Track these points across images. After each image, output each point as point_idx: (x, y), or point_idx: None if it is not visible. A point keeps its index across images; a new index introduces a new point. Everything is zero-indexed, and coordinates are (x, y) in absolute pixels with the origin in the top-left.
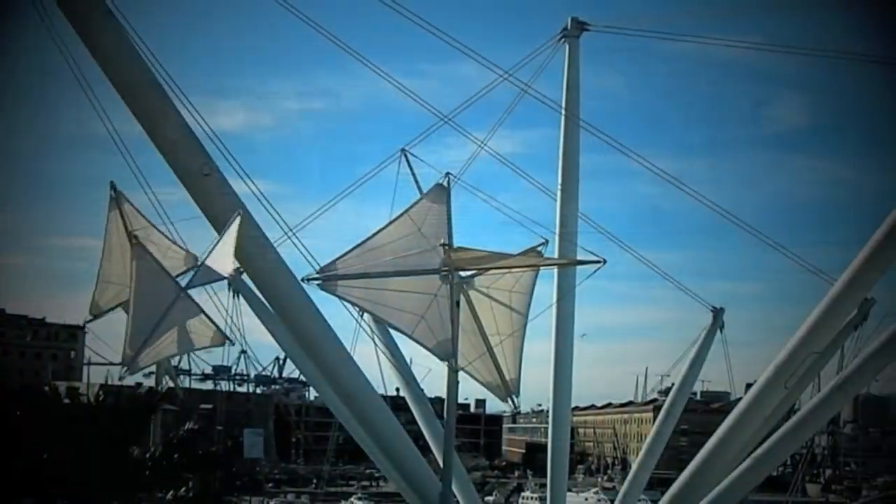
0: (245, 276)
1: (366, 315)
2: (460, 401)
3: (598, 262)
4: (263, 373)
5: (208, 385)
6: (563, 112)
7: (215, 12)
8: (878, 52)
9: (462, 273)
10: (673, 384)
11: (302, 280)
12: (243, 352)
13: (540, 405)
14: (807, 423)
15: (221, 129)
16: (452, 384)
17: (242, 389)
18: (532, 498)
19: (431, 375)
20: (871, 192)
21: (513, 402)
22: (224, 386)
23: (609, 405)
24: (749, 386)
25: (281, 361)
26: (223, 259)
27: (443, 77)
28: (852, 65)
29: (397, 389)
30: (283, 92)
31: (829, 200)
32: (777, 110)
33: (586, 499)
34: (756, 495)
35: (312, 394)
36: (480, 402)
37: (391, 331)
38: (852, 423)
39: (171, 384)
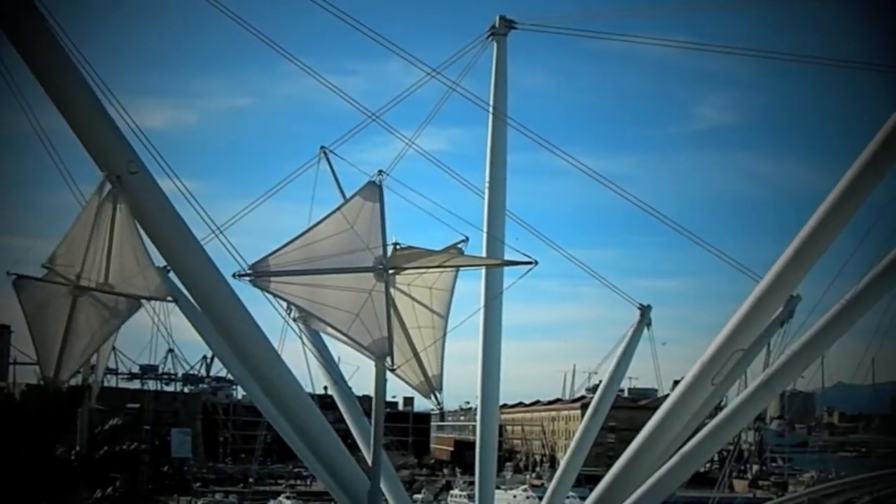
0: (172, 275)
1: (293, 313)
2: (388, 399)
3: (529, 262)
4: (191, 372)
5: (136, 384)
6: (491, 110)
7: (141, 9)
8: (803, 50)
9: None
10: (600, 381)
11: (233, 276)
12: (170, 350)
13: (468, 403)
14: (733, 419)
15: (148, 126)
16: (381, 382)
17: (170, 388)
18: (461, 496)
19: (359, 374)
20: (797, 189)
21: (436, 398)
22: (151, 385)
23: (537, 403)
24: (676, 383)
25: (208, 360)
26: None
27: (370, 75)
28: (778, 63)
29: (325, 388)
30: (210, 90)
31: (755, 197)
32: (704, 108)
33: (515, 496)
34: (683, 491)
35: (240, 392)
36: (409, 401)
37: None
38: (779, 419)
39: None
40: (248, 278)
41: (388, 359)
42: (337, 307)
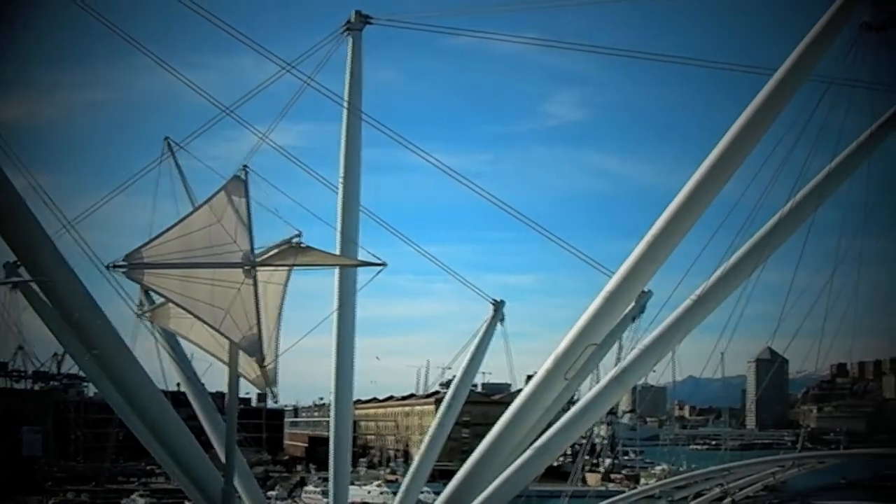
0: (22, 270)
1: (144, 308)
2: (242, 395)
3: (379, 264)
4: (42, 369)
5: None
6: (346, 105)
7: None
8: (652, 48)
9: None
10: (454, 376)
11: (107, 267)
12: (20, 347)
13: (322, 399)
14: (586, 413)
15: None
16: (234, 379)
17: (20, 386)
18: (315, 492)
19: (212, 370)
20: (647, 186)
21: (271, 392)
22: (0, 382)
23: (391, 398)
24: (529, 377)
25: (59, 357)
26: None
27: (221, 69)
28: (627, 61)
29: (178, 385)
30: (65, 82)
31: (606, 194)
32: (555, 105)
33: (369, 492)
34: (537, 485)
35: (92, 390)
36: (262, 397)
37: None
38: (630, 413)
39: None
40: (122, 270)
41: (259, 354)
42: (207, 302)
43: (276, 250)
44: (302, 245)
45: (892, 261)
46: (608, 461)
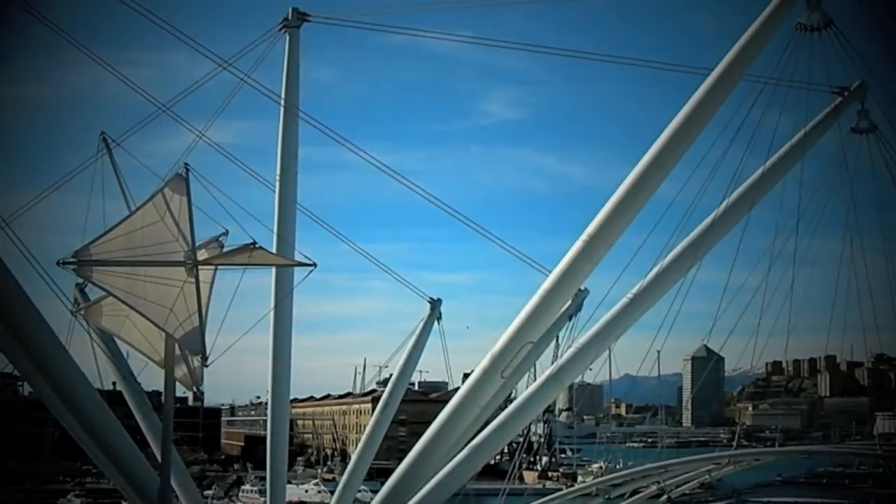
0: None
1: (80, 306)
2: (178, 394)
3: (309, 265)
4: None
5: None
6: (283, 103)
7: None
8: (588, 47)
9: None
10: (391, 375)
11: (58, 264)
12: None
13: (259, 398)
14: (523, 411)
15: None
16: (170, 378)
17: None
18: (252, 491)
19: (148, 369)
20: (583, 185)
21: (197, 390)
22: None
23: (328, 396)
24: (466, 376)
25: None
26: None
27: (155, 66)
28: (563, 60)
29: (114, 384)
30: None
31: (542, 192)
32: (490, 104)
33: (307, 490)
34: (474, 483)
35: (27, 389)
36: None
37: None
38: (567, 411)
39: None
40: (72, 266)
41: (202, 352)
42: (152, 300)
43: (204, 249)
44: (257, 245)
45: (826, 259)
46: (545, 459)
